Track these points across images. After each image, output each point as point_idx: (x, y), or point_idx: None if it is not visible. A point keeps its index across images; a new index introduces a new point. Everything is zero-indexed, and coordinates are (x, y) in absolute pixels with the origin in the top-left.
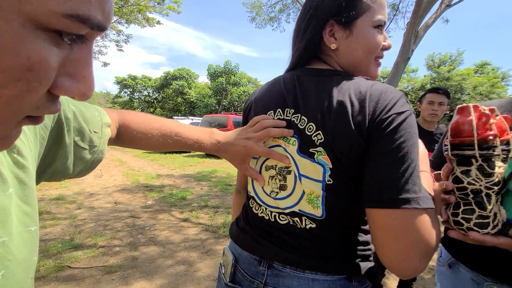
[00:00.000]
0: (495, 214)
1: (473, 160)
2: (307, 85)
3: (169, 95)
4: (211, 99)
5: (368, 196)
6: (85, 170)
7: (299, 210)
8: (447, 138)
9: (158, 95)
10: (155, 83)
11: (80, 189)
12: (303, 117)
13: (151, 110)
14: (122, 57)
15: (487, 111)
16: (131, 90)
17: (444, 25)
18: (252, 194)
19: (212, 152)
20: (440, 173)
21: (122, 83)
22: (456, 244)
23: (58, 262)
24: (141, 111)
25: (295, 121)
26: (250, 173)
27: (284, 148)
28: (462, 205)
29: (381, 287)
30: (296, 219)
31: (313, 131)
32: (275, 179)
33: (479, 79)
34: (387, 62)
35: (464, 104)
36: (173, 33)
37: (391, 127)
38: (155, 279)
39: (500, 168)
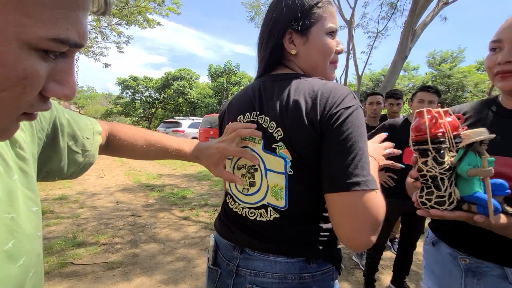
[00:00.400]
0: (450, 194)
1: (429, 153)
2: (270, 89)
3: (170, 96)
4: (212, 99)
5: (325, 183)
6: (77, 172)
7: (267, 202)
8: (411, 137)
9: (160, 96)
10: (156, 83)
11: (82, 189)
12: (266, 117)
13: (153, 110)
14: (123, 58)
15: (438, 113)
16: (132, 91)
17: (443, 23)
18: (230, 191)
19: (191, 158)
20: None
21: (124, 84)
22: (439, 225)
23: (61, 259)
24: (143, 111)
25: (260, 122)
26: (226, 176)
27: (251, 148)
28: (425, 189)
29: (374, 281)
30: (263, 211)
31: (274, 129)
32: (246, 176)
33: (480, 76)
34: (386, 60)
35: (421, 109)
36: (174, 34)
37: (340, 121)
38: (155, 275)
39: (452, 158)
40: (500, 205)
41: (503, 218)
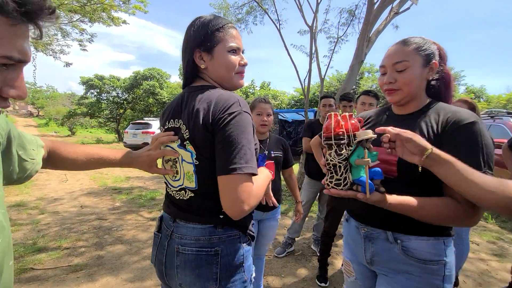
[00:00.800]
0: (345, 178)
1: (332, 146)
2: (187, 99)
3: (140, 96)
4: None
5: (216, 168)
6: (24, 178)
7: (185, 186)
8: (322, 133)
9: (128, 96)
10: (124, 83)
11: (42, 194)
12: (181, 121)
13: (121, 111)
14: (88, 56)
15: (343, 117)
16: (98, 90)
17: (395, 31)
18: (165, 180)
19: (125, 165)
20: None
21: (88, 84)
22: (349, 204)
23: (20, 265)
24: (110, 112)
25: (179, 126)
26: (160, 171)
27: (171, 147)
28: (329, 173)
29: (327, 266)
30: (183, 192)
31: (184, 130)
32: (172, 167)
33: None
34: (349, 64)
35: (331, 113)
36: (143, 31)
37: (224, 123)
38: (121, 274)
39: (349, 151)
40: (377, 186)
41: (376, 195)
